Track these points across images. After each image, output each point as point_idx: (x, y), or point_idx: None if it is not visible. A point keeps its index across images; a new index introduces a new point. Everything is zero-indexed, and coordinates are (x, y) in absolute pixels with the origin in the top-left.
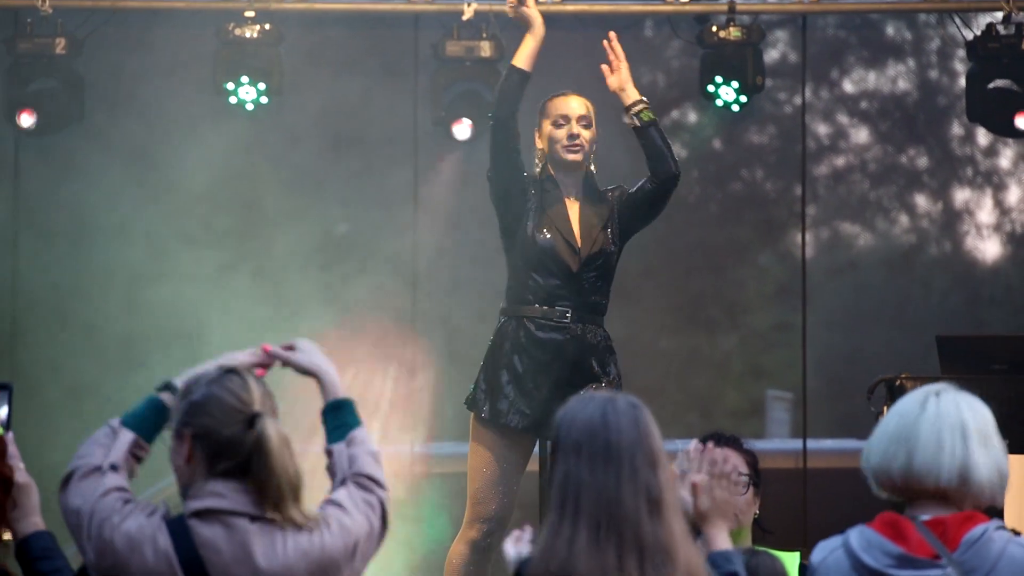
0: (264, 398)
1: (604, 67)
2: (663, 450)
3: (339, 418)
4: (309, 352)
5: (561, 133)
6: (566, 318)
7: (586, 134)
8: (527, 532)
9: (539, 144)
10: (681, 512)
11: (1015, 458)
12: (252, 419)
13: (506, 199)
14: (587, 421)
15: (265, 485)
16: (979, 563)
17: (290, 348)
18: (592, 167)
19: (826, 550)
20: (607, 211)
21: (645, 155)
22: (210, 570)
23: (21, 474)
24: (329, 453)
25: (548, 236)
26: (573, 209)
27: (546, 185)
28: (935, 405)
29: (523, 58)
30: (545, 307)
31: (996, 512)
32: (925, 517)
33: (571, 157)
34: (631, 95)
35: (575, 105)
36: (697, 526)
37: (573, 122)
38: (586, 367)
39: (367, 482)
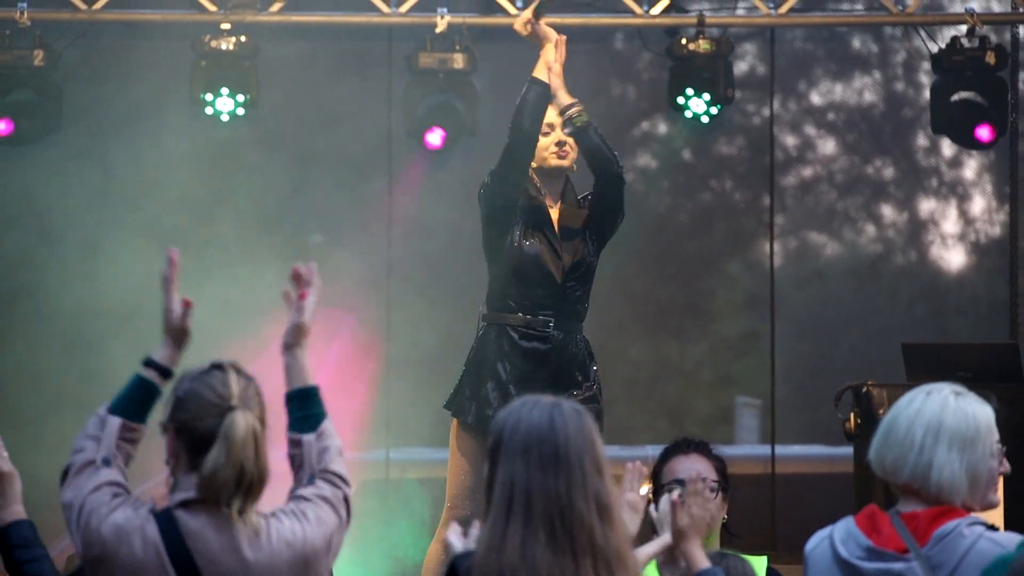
0: (245, 393)
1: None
2: (606, 457)
3: (308, 407)
4: (305, 321)
5: (548, 141)
6: (549, 327)
7: (571, 140)
8: (475, 528)
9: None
10: (624, 519)
11: None
12: (226, 412)
13: (503, 209)
14: (535, 426)
15: (216, 475)
16: (946, 558)
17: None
18: (573, 169)
19: (817, 539)
20: (584, 218)
21: (586, 160)
22: (197, 560)
23: (5, 463)
24: (297, 443)
25: (535, 244)
26: (555, 217)
27: (530, 192)
28: (920, 404)
29: (543, 71)
30: (528, 316)
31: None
32: (904, 511)
33: (559, 162)
34: (562, 98)
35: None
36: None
37: (558, 129)
38: (568, 375)
39: (335, 479)
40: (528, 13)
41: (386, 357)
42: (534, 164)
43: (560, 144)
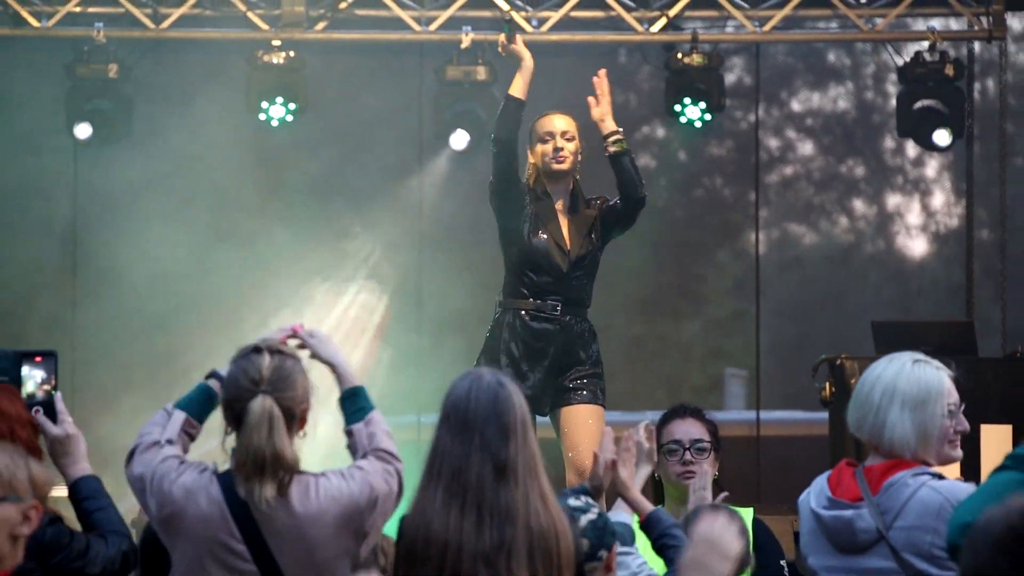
0: (276, 374)
1: (590, 99)
2: (524, 423)
3: (356, 403)
4: (324, 343)
5: (548, 148)
6: (556, 311)
7: (570, 146)
8: None
9: (531, 159)
10: (541, 480)
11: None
12: (254, 396)
13: (505, 207)
14: (456, 396)
15: (239, 452)
16: (892, 504)
17: (310, 336)
18: (577, 176)
19: (805, 493)
20: (591, 218)
21: (616, 180)
22: (254, 513)
23: (70, 426)
24: (349, 433)
25: (543, 239)
26: (563, 216)
27: (539, 194)
28: (881, 370)
29: (518, 88)
30: (538, 301)
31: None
32: (867, 464)
33: (558, 167)
34: (609, 126)
35: (558, 123)
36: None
37: (558, 137)
38: (573, 353)
39: (385, 455)
40: (502, 37)
41: (416, 332)
42: (541, 168)
43: (557, 150)
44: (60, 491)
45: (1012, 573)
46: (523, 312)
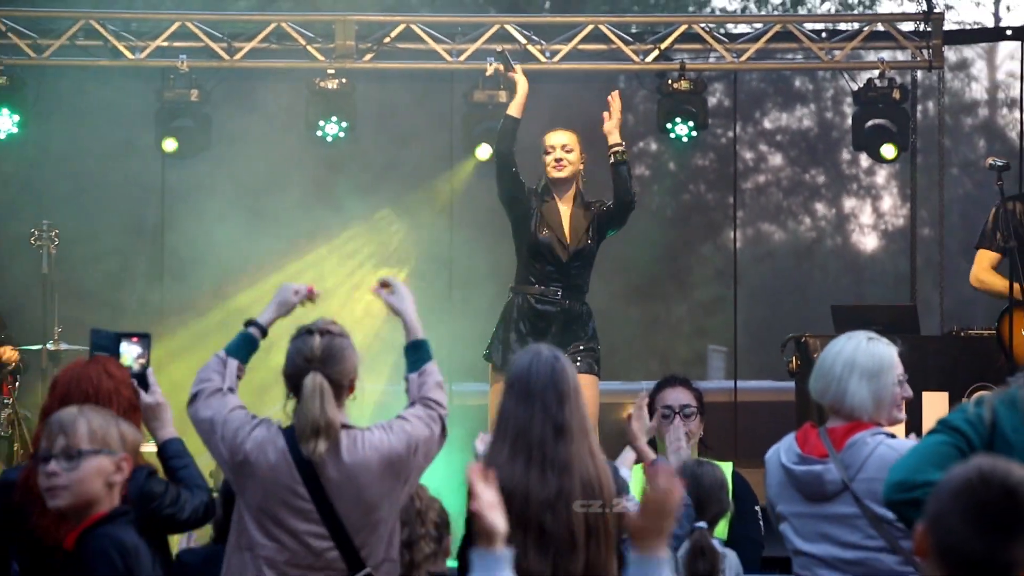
0: (326, 352)
1: (604, 114)
2: (576, 390)
3: (416, 354)
4: (400, 296)
5: (550, 159)
6: (557, 295)
7: (569, 157)
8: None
9: (545, 165)
10: (590, 438)
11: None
12: (307, 372)
13: (512, 207)
14: (519, 368)
15: (299, 419)
16: (854, 460)
17: (387, 285)
18: (580, 183)
19: (772, 450)
20: (590, 217)
21: (613, 184)
22: (313, 463)
23: (159, 396)
24: (407, 380)
25: (546, 235)
26: (565, 215)
27: (544, 196)
28: (841, 345)
29: (515, 108)
30: (543, 287)
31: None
32: (829, 426)
33: (556, 174)
34: (614, 139)
35: (559, 138)
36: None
37: (558, 149)
38: (572, 331)
39: (430, 403)
40: (500, 66)
41: (448, 313)
42: (546, 175)
43: (558, 160)
44: (149, 447)
45: (960, 516)
46: (530, 296)
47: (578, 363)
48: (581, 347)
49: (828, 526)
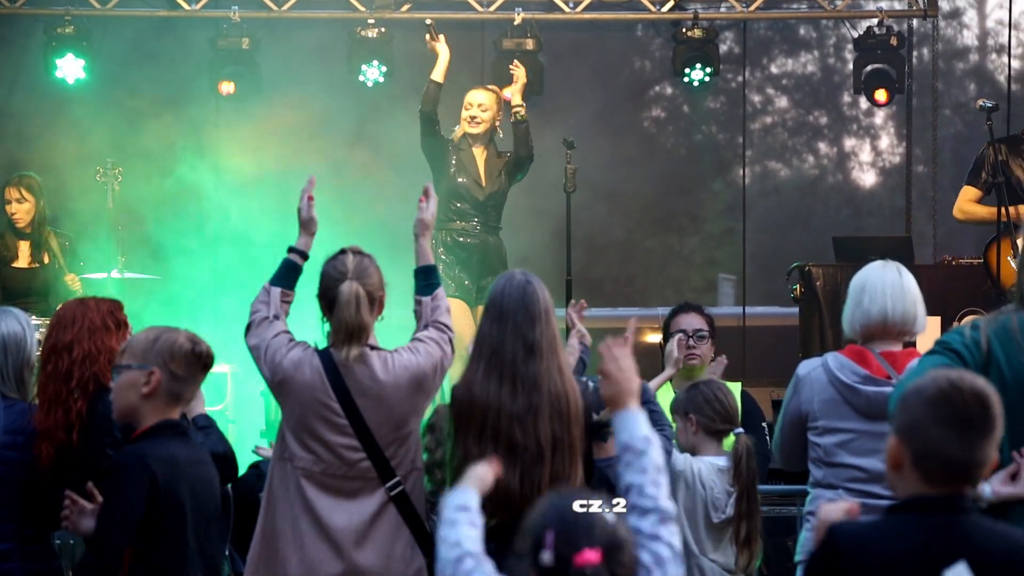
0: (359, 267)
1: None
2: (547, 311)
3: (427, 279)
4: (425, 224)
5: (467, 115)
6: (476, 230)
7: (483, 116)
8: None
9: (462, 119)
10: (560, 356)
11: None
12: (343, 281)
13: (432, 157)
14: (494, 292)
15: (334, 326)
16: None
17: (428, 196)
18: (499, 133)
19: (809, 367)
20: (501, 165)
21: (513, 139)
22: (347, 381)
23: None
24: (419, 302)
25: (464, 179)
26: (480, 161)
27: (461, 145)
28: (895, 273)
29: (437, 74)
30: (462, 223)
31: None
32: (881, 350)
33: (471, 130)
34: (516, 100)
35: (476, 96)
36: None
37: (474, 107)
38: (490, 262)
39: (441, 326)
40: (427, 36)
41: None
42: (463, 127)
43: (473, 117)
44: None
45: (934, 422)
46: (452, 231)
47: None
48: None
49: (884, 443)
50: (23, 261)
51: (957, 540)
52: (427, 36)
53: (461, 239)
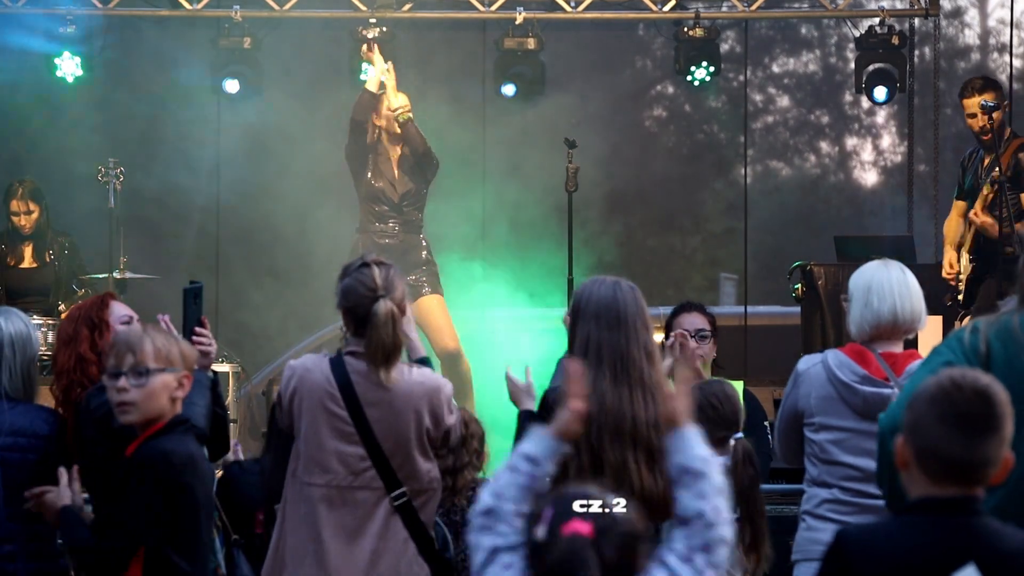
0: (386, 280)
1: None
2: (651, 318)
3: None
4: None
5: (390, 115)
6: (395, 231)
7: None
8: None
9: (376, 122)
10: (661, 360)
11: None
12: (376, 300)
13: (353, 163)
14: (602, 298)
15: (367, 346)
16: None
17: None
18: (411, 134)
19: (809, 363)
20: (413, 164)
21: (406, 141)
22: (356, 388)
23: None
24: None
25: (380, 182)
26: (395, 163)
27: (378, 148)
28: (899, 271)
29: (372, 85)
30: (380, 225)
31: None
32: (881, 350)
33: (398, 129)
34: (393, 104)
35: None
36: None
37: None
38: (409, 260)
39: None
40: (364, 47)
41: (480, 251)
42: (384, 130)
43: (396, 119)
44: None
45: (935, 420)
46: (372, 233)
47: (424, 287)
48: (422, 272)
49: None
50: (26, 261)
51: (966, 542)
52: (363, 47)
53: (380, 241)
